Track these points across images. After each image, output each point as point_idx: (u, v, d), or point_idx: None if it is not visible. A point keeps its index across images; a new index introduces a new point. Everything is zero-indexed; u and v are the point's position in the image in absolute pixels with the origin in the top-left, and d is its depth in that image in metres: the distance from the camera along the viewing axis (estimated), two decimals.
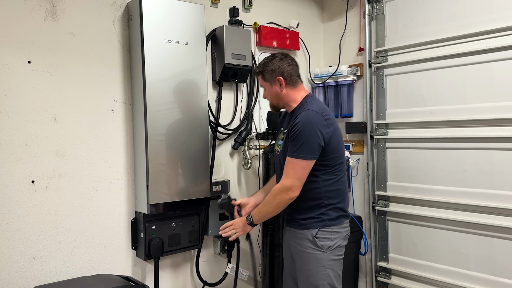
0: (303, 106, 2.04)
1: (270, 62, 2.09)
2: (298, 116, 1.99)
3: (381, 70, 3.01)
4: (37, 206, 2.03)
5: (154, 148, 2.22)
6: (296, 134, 1.93)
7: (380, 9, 3.00)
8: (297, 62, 2.14)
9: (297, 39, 3.16)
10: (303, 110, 2.00)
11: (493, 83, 2.48)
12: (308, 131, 1.93)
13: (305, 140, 1.92)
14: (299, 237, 2.07)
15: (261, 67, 2.11)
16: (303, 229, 2.05)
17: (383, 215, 3.04)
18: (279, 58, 2.10)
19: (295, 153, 1.93)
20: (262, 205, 2.05)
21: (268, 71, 2.09)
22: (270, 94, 2.14)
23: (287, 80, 2.08)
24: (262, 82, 2.14)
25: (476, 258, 2.58)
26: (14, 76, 1.96)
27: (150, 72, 2.19)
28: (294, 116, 2.02)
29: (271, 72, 2.08)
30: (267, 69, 2.09)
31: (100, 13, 2.23)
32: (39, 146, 2.03)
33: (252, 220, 2.06)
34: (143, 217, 2.28)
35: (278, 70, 2.08)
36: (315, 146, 1.92)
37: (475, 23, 2.53)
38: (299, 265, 2.08)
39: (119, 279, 2.07)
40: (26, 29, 1.99)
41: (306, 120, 1.95)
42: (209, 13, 2.63)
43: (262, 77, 2.12)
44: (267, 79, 2.11)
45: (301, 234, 2.05)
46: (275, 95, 2.12)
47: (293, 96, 2.11)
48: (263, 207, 2.04)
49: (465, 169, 2.60)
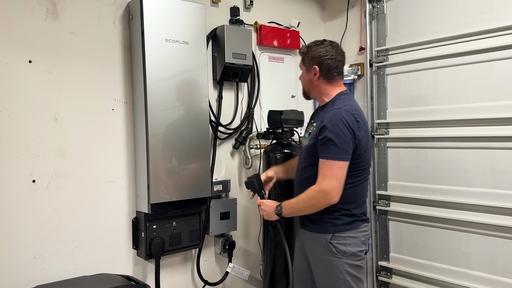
0: (335, 103, 1.94)
1: (314, 47, 2.00)
2: (328, 113, 1.89)
3: (382, 70, 3.01)
4: (38, 206, 2.03)
5: (155, 148, 2.22)
6: (327, 134, 1.83)
7: (381, 8, 3.00)
8: (344, 57, 2.04)
9: (297, 38, 3.16)
10: (334, 108, 1.90)
11: (494, 82, 2.47)
12: (341, 130, 1.82)
13: (338, 140, 1.82)
14: (312, 241, 2.00)
15: (305, 49, 2.04)
16: (316, 232, 1.97)
17: (384, 215, 3.03)
18: (325, 47, 1.99)
19: (330, 154, 1.82)
20: (296, 201, 1.94)
21: (308, 56, 2.01)
22: (303, 78, 2.08)
23: (323, 72, 1.98)
24: (300, 64, 2.09)
25: (477, 257, 2.58)
26: (15, 75, 1.97)
27: (151, 71, 2.19)
28: (325, 114, 1.92)
29: (310, 58, 2.00)
30: (308, 54, 2.01)
31: (101, 13, 2.22)
32: (40, 146, 2.04)
33: (281, 212, 1.98)
34: (144, 217, 2.28)
35: (317, 59, 1.97)
36: (349, 146, 1.83)
37: (475, 22, 2.53)
38: (315, 269, 2.02)
39: (120, 278, 2.08)
40: (27, 29, 1.99)
41: (337, 119, 1.84)
42: (209, 12, 2.63)
43: (302, 59, 2.06)
44: (304, 63, 2.05)
45: (315, 238, 1.98)
46: (308, 82, 2.06)
47: (326, 90, 2.01)
48: (296, 203, 1.94)
49: (466, 168, 2.60)
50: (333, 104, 1.96)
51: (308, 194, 1.88)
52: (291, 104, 2.94)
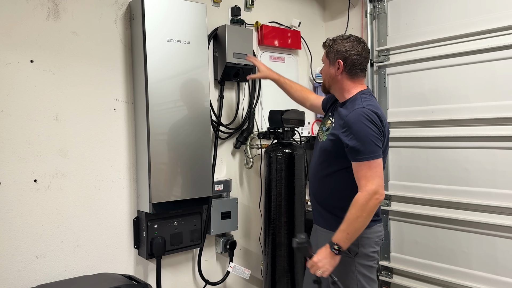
0: (357, 102, 1.89)
1: (340, 41, 1.96)
2: (351, 112, 1.84)
3: (383, 69, 3.01)
4: (39, 205, 2.04)
5: (156, 147, 2.22)
6: (356, 136, 1.79)
7: (382, 8, 3.00)
8: (369, 54, 2.00)
9: (298, 38, 3.16)
10: (356, 108, 1.85)
11: (495, 82, 2.48)
12: (369, 128, 1.79)
13: (368, 138, 1.78)
14: (325, 237, 1.93)
15: (329, 42, 2.00)
16: (328, 229, 1.94)
17: (385, 214, 3.03)
18: (351, 42, 1.94)
19: (365, 155, 1.78)
20: (347, 224, 1.77)
21: (333, 49, 1.96)
22: (325, 72, 2.03)
23: (346, 68, 1.93)
24: (324, 57, 2.04)
25: (478, 257, 2.58)
26: (16, 75, 1.97)
27: (152, 71, 2.19)
28: (347, 112, 1.88)
29: (335, 52, 1.95)
30: (333, 47, 1.96)
31: (102, 12, 2.23)
32: (41, 145, 2.04)
33: (340, 247, 1.78)
34: (145, 216, 2.28)
35: (343, 53, 1.93)
36: (380, 141, 1.80)
37: (477, 22, 2.53)
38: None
39: (122, 278, 2.08)
40: (28, 28, 2.00)
41: (362, 118, 1.80)
42: (211, 12, 2.63)
43: (326, 53, 2.01)
44: (329, 57, 1.99)
45: (328, 235, 1.89)
46: (330, 76, 2.00)
47: (348, 86, 1.97)
48: (349, 226, 1.77)
49: (467, 168, 2.60)
50: (354, 102, 1.91)
51: (357, 207, 1.77)
52: (292, 103, 2.93)
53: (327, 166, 1.95)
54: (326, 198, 1.98)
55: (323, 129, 2.03)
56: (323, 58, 2.05)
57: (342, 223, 1.79)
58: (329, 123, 2.00)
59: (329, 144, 1.92)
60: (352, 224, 1.77)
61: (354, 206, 1.78)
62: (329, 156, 1.93)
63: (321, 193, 2.01)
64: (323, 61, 2.05)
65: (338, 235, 1.79)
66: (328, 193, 1.97)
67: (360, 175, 1.80)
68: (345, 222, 1.79)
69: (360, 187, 1.80)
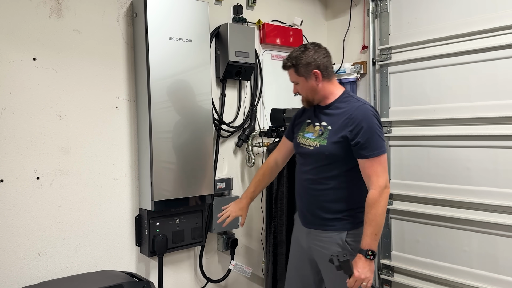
0: (351, 100, 1.92)
1: (304, 54, 1.91)
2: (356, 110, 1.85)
3: (385, 68, 3.01)
4: (42, 203, 2.04)
5: (158, 145, 2.22)
6: (369, 132, 1.81)
7: (384, 6, 3.00)
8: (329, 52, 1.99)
9: (300, 36, 3.16)
10: (358, 104, 1.88)
11: (497, 81, 2.47)
12: (377, 124, 1.85)
13: (378, 135, 1.83)
14: (324, 240, 1.94)
15: (294, 60, 1.92)
16: (329, 231, 1.93)
17: (386, 213, 3.02)
18: (313, 50, 1.91)
19: (377, 150, 1.81)
20: (372, 226, 1.79)
21: (302, 64, 1.90)
22: (305, 89, 1.96)
23: (323, 73, 1.91)
24: (295, 77, 1.95)
25: (479, 255, 2.59)
26: (19, 73, 1.97)
27: (154, 69, 2.20)
28: (344, 111, 1.89)
29: (306, 65, 1.90)
30: (301, 63, 1.90)
31: (105, 11, 2.23)
32: (44, 143, 2.05)
33: (374, 251, 1.79)
34: (147, 214, 2.29)
35: (314, 63, 1.89)
36: (384, 138, 1.87)
37: (479, 21, 2.53)
38: (328, 271, 1.95)
39: (124, 275, 2.09)
40: (31, 26, 2.00)
41: (369, 114, 1.84)
42: (213, 10, 2.63)
43: (295, 71, 1.93)
44: (301, 73, 1.92)
45: (328, 238, 1.92)
46: (311, 90, 1.95)
47: (330, 89, 1.96)
48: (375, 227, 1.79)
49: (468, 167, 2.60)
50: (347, 101, 1.92)
51: (376, 205, 1.79)
52: (294, 102, 2.93)
53: (330, 169, 1.92)
54: (329, 201, 1.93)
55: (311, 136, 1.99)
56: (294, 79, 1.97)
57: (366, 227, 1.80)
58: (318, 129, 1.97)
59: (334, 147, 1.88)
60: (377, 225, 1.79)
61: (372, 206, 1.79)
62: (334, 159, 1.90)
63: (322, 196, 1.96)
64: (295, 81, 1.98)
65: (366, 240, 1.79)
66: (331, 196, 1.93)
67: (371, 171, 1.81)
68: (369, 224, 1.79)
69: (372, 183, 1.81)
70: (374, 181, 1.80)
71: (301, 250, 2.09)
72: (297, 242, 2.12)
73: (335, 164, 1.91)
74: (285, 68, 1.98)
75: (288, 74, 2.00)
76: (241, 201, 2.20)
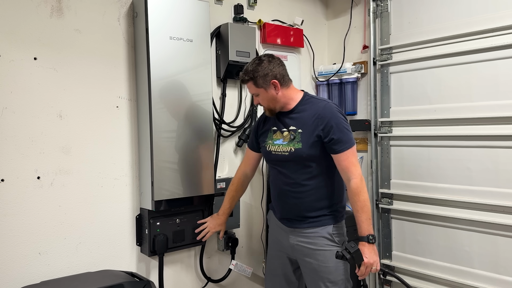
0: (314, 101, 2.04)
1: (260, 66, 1.98)
2: (322, 109, 1.98)
3: (386, 68, 3.00)
4: (42, 202, 2.04)
5: (159, 145, 2.22)
6: (339, 127, 1.93)
7: (385, 6, 2.99)
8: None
9: (301, 36, 3.16)
10: (321, 104, 2.01)
11: (498, 81, 2.47)
12: (344, 118, 1.98)
13: (347, 127, 1.97)
14: (310, 236, 2.03)
15: (251, 74, 1.99)
16: (314, 227, 2.02)
17: (387, 213, 3.04)
18: (267, 61, 2.00)
19: (350, 142, 1.95)
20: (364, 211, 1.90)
21: (260, 76, 1.97)
22: (266, 99, 2.04)
23: (281, 82, 2.00)
24: (254, 89, 2.02)
25: (479, 256, 2.58)
26: (20, 72, 1.97)
27: (155, 69, 2.20)
28: (311, 112, 1.99)
29: (264, 77, 1.97)
30: (259, 75, 1.97)
31: (106, 10, 2.23)
32: (44, 142, 2.04)
33: (373, 235, 1.90)
34: (148, 214, 2.29)
35: (271, 73, 1.98)
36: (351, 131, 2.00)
37: (480, 21, 2.52)
38: (314, 265, 2.03)
39: (124, 274, 2.09)
40: (32, 26, 2.00)
41: (335, 110, 1.97)
42: (213, 10, 2.63)
43: (254, 83, 2.00)
44: (260, 85, 1.99)
45: (313, 233, 2.02)
46: (272, 100, 2.03)
47: (289, 95, 2.05)
48: (367, 212, 1.90)
49: (469, 167, 2.60)
50: (310, 103, 2.03)
51: (362, 193, 1.91)
52: None
53: (309, 170, 2.01)
54: (313, 200, 2.02)
55: (281, 142, 2.06)
56: (254, 91, 2.04)
57: (358, 215, 1.91)
58: (287, 134, 2.05)
59: (311, 148, 1.97)
60: (368, 210, 1.91)
61: (359, 193, 1.91)
62: (312, 160, 1.99)
63: (306, 197, 2.04)
64: (256, 93, 2.04)
65: (364, 226, 1.90)
66: (314, 195, 2.02)
67: (348, 163, 1.93)
68: (362, 211, 1.91)
69: (351, 173, 1.93)
70: (353, 171, 1.93)
71: (281, 250, 2.18)
72: (277, 243, 2.22)
73: (313, 164, 2.00)
74: (244, 82, 2.06)
75: (247, 87, 2.08)
76: (220, 217, 2.37)
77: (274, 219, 2.22)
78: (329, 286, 2.01)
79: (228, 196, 2.37)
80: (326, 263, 2.00)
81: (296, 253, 2.10)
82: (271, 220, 2.28)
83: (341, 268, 2.01)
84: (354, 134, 3.12)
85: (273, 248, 2.26)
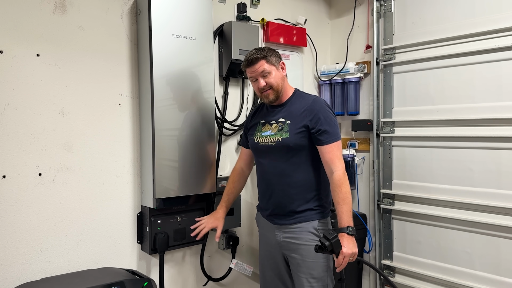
0: (304, 95, 2.12)
1: (268, 48, 2.09)
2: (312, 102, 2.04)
3: (389, 68, 3.00)
4: (44, 199, 2.04)
5: (160, 143, 2.22)
6: (326, 120, 1.98)
7: (389, 6, 2.99)
8: None
9: (304, 35, 3.15)
10: (312, 98, 2.07)
11: (501, 82, 2.46)
12: (332, 113, 2.03)
13: (335, 122, 2.01)
14: (296, 231, 2.05)
15: (265, 52, 2.05)
16: (300, 222, 2.04)
17: (388, 213, 3.03)
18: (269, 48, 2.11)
19: (336, 136, 1.98)
20: (346, 203, 1.90)
21: (274, 55, 2.06)
22: (277, 78, 2.06)
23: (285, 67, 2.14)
24: (268, 67, 2.03)
25: (481, 257, 2.58)
26: (22, 68, 1.97)
27: (157, 66, 2.19)
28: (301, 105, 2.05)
29: (276, 57, 2.07)
30: (273, 53, 2.06)
31: (109, 7, 2.23)
32: (46, 139, 2.04)
33: (353, 227, 1.88)
34: (149, 211, 2.28)
35: (278, 55, 2.10)
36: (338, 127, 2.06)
37: (484, 22, 2.52)
38: (298, 261, 2.05)
39: (125, 272, 2.08)
40: (35, 22, 2.00)
41: (324, 104, 2.03)
42: (217, 8, 2.63)
43: (267, 61, 2.03)
44: (273, 63, 2.05)
45: (299, 228, 2.04)
46: (281, 79, 2.09)
47: (286, 86, 2.14)
48: (348, 204, 1.90)
49: (471, 168, 2.60)
50: (301, 97, 2.10)
51: (345, 185, 1.92)
52: None
53: (296, 161, 2.04)
54: (300, 192, 2.04)
55: (269, 133, 2.09)
56: (267, 68, 2.03)
57: (339, 206, 1.90)
58: (275, 126, 2.09)
59: (297, 138, 2.00)
60: (349, 202, 1.91)
61: (341, 185, 1.91)
62: (299, 149, 2.03)
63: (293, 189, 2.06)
64: (267, 70, 2.03)
65: (344, 218, 1.89)
66: (300, 187, 2.04)
67: (332, 155, 1.96)
68: (343, 203, 1.90)
69: (334, 165, 1.95)
70: (337, 163, 1.95)
71: (271, 247, 2.19)
72: (266, 241, 2.24)
73: (300, 154, 2.03)
74: (256, 60, 2.03)
75: (256, 67, 2.04)
76: (217, 212, 2.33)
77: (263, 220, 2.24)
78: (311, 282, 2.02)
79: (226, 190, 2.38)
80: (309, 258, 2.01)
81: (283, 249, 2.12)
82: (259, 221, 2.30)
83: (324, 265, 2.02)
84: (356, 134, 3.17)
85: (263, 248, 2.27)
